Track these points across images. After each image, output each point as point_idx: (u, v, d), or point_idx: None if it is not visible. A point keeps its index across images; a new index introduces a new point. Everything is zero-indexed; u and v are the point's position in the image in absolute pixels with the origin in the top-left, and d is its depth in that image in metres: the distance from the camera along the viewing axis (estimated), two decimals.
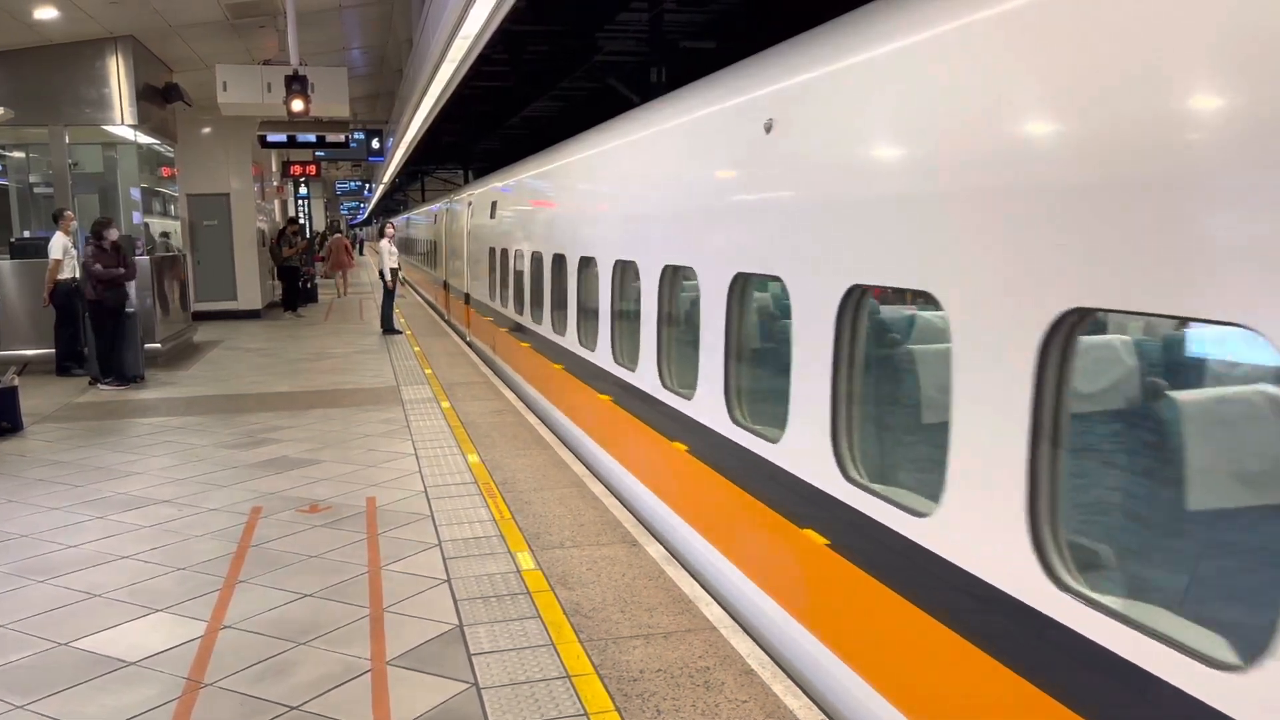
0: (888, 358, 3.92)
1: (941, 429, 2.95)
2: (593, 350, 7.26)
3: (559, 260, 8.32)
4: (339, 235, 31.31)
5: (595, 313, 7.18)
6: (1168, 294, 2.19)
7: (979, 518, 2.78)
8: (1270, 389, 2.19)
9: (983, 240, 2.84)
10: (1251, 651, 1.91)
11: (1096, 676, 2.32)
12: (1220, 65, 2.10)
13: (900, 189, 3.32)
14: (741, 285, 4.69)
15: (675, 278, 5.70)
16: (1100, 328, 3.11)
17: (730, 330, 4.79)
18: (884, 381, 3.86)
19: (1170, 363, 3.17)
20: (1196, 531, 2.56)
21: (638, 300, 6.18)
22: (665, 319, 5.81)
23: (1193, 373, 3.11)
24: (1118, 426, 2.98)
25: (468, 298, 15.40)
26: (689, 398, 5.26)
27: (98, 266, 11.09)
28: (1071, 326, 2.46)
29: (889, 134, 3.45)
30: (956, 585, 2.89)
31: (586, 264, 7.45)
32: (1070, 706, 2.40)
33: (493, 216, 12.55)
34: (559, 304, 8.45)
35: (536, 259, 9.33)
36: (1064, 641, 2.44)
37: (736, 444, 4.66)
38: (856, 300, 3.63)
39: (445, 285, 19.42)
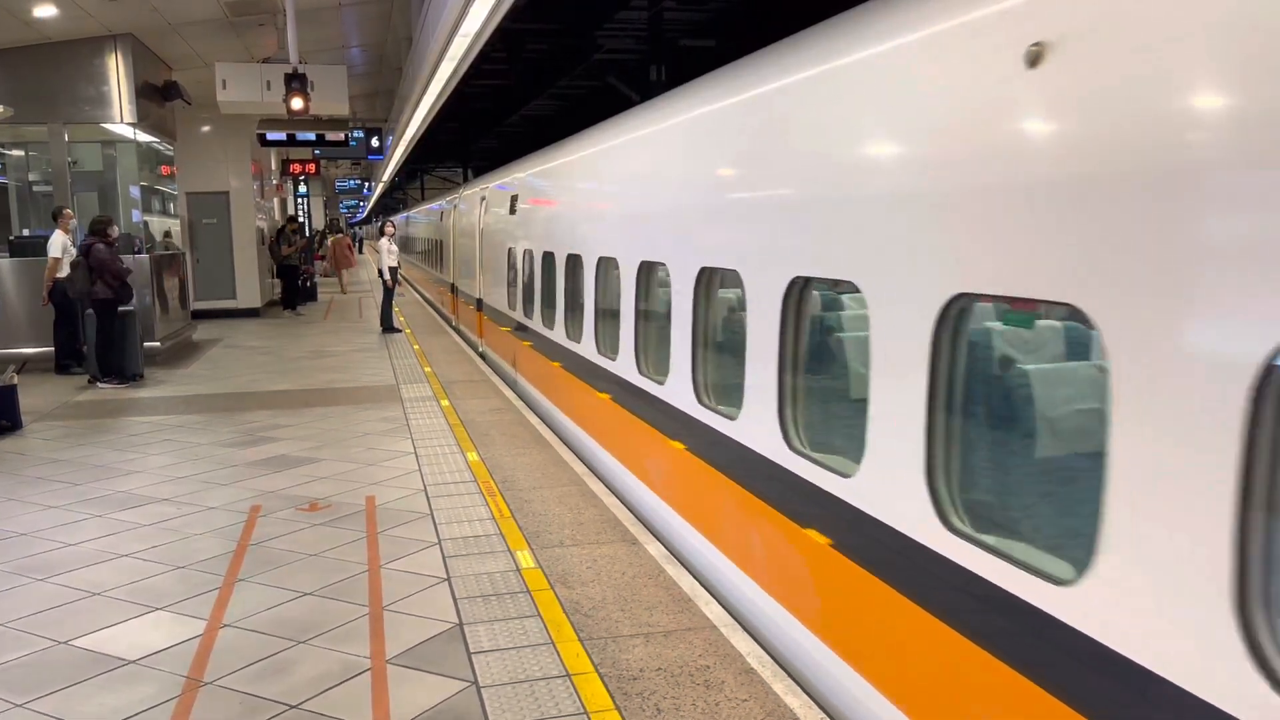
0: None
1: None
2: (661, 384, 5.70)
3: (605, 266, 6.89)
4: (340, 234, 31.79)
5: (663, 335, 5.64)
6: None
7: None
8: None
9: None
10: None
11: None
12: None
13: None
14: (957, 317, 2.92)
15: (805, 297, 4.09)
16: None
17: (937, 383, 3.01)
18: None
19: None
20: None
21: (735, 324, 4.81)
22: (791, 354, 4.13)
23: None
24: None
25: (480, 303, 13.72)
26: (847, 475, 3.59)
27: (117, 264, 11.23)
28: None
29: None
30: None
31: (648, 271, 6.04)
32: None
33: (513, 212, 10.82)
34: (609, 320, 6.92)
35: (573, 263, 7.80)
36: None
37: (964, 571, 2.89)
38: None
39: (453, 289, 17.47)
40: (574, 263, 7.80)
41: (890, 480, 3.30)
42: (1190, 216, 2.13)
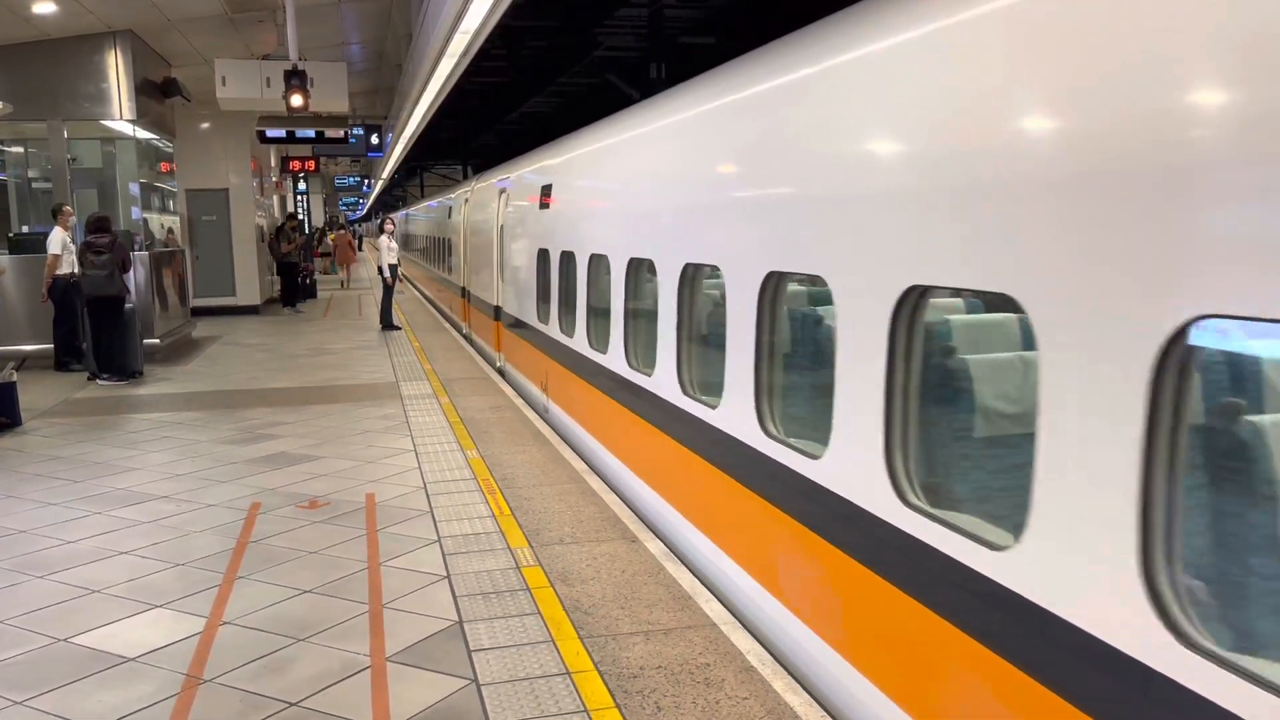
0: None
1: None
2: (817, 458, 3.88)
3: (693, 275, 5.29)
4: (343, 230, 32.98)
5: (806, 375, 4.36)
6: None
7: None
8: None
9: None
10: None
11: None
12: None
13: None
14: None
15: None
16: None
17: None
18: None
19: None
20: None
21: (953, 370, 3.54)
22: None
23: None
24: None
25: (498, 312, 11.99)
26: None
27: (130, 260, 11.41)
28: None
29: None
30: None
31: (776, 286, 4.32)
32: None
33: (544, 207, 9.12)
34: (700, 350, 5.32)
35: (635, 270, 6.28)
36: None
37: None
38: None
39: (465, 293, 15.57)
40: (636, 269, 6.26)
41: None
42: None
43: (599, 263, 7.09)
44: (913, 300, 3.24)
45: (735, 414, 4.63)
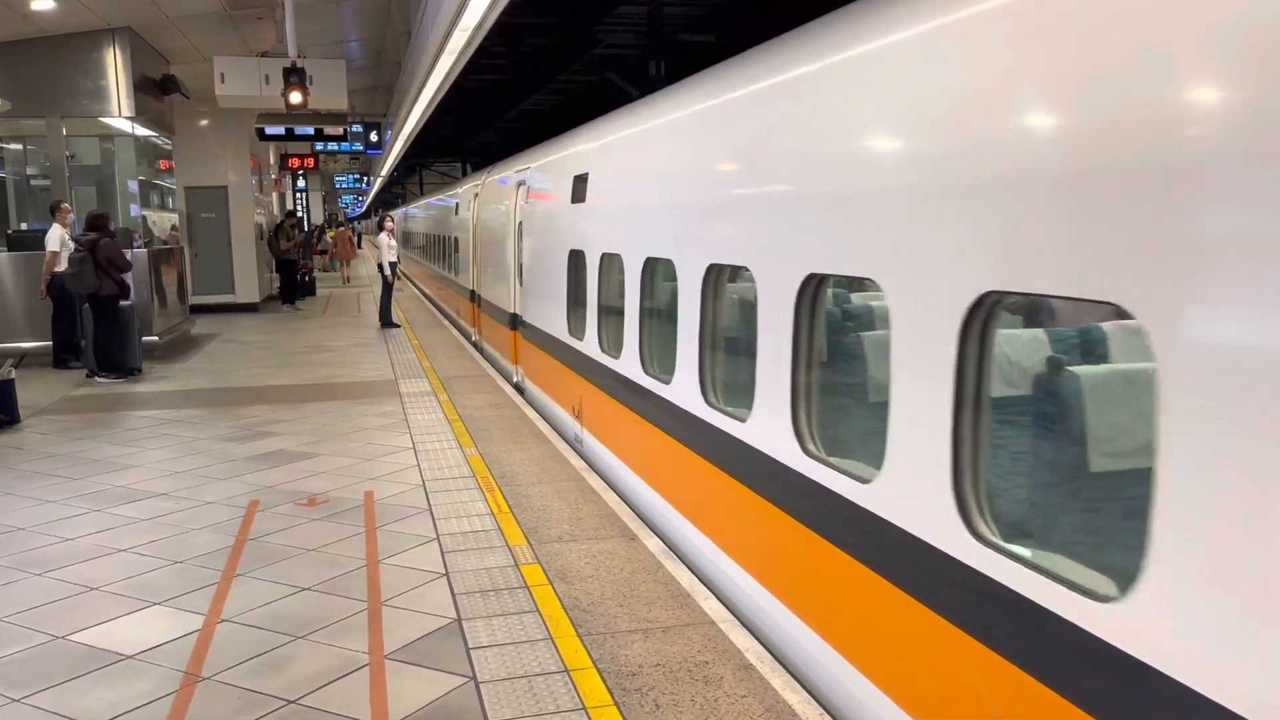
0: None
1: None
2: (1123, 596, 2.30)
3: (814, 289, 3.86)
4: (344, 228, 33.78)
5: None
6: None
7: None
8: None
9: None
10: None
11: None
12: None
13: None
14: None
15: None
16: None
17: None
18: None
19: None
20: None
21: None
22: None
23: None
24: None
25: (516, 320, 10.60)
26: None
27: (123, 258, 11.33)
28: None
29: None
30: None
31: (989, 310, 2.84)
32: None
33: (579, 199, 7.59)
34: (807, 381, 3.96)
35: (717, 282, 4.93)
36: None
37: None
38: None
39: (474, 298, 14.13)
40: (716, 280, 4.92)
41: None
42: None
43: (657, 269, 5.82)
44: None
45: (905, 493, 3.17)
